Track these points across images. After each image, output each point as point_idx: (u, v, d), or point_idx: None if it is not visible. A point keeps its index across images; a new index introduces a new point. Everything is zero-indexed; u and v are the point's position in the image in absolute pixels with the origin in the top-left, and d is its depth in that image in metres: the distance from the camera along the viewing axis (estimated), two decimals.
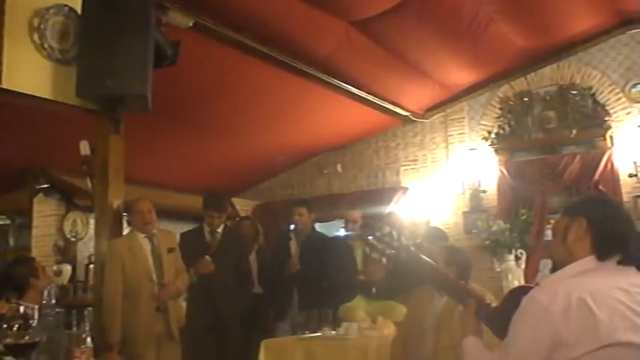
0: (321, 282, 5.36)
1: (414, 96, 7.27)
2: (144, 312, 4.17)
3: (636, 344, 1.64)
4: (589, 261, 1.78)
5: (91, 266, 5.88)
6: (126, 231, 4.51)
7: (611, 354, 1.63)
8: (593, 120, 6.79)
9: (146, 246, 4.32)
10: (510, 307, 1.91)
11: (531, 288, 1.96)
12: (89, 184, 4.22)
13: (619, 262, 1.76)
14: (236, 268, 5.21)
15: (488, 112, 7.40)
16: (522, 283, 6.06)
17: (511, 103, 7.25)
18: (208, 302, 4.97)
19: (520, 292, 2.01)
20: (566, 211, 1.91)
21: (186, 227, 5.55)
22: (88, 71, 3.71)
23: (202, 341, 4.86)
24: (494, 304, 2.14)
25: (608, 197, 1.94)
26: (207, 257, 4.80)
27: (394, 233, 2.16)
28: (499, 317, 1.96)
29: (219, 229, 5.19)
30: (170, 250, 4.40)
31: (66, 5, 3.85)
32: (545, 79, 7.15)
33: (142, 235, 4.33)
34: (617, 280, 1.73)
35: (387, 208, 7.45)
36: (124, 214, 4.37)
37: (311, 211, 5.65)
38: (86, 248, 6.47)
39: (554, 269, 1.87)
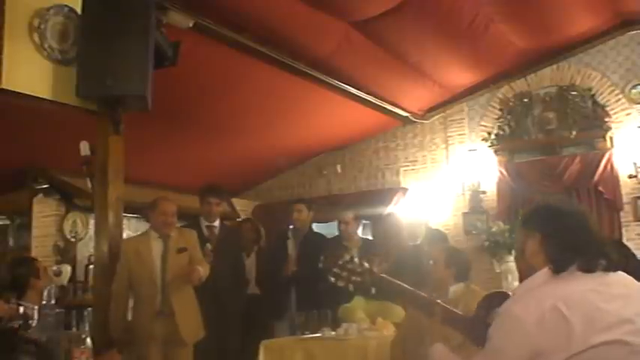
0: (319, 282, 5.36)
1: (414, 97, 7.27)
2: (144, 315, 4.17)
3: (610, 341, 1.67)
4: (547, 272, 1.81)
5: (91, 267, 5.87)
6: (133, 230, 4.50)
7: (589, 357, 1.65)
8: (593, 121, 6.80)
9: (157, 248, 4.27)
10: (484, 314, 1.94)
11: (505, 294, 2.00)
12: (89, 185, 4.21)
13: (579, 269, 1.78)
14: (233, 265, 5.20)
15: (488, 113, 7.40)
16: None
17: (511, 104, 7.25)
18: (207, 299, 4.92)
19: (493, 298, 2.06)
20: (522, 223, 1.96)
21: None
22: (88, 71, 3.71)
23: (203, 340, 4.82)
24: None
25: (564, 205, 1.93)
26: (208, 245, 4.74)
27: (355, 260, 2.16)
28: (474, 325, 1.99)
29: (216, 223, 5.16)
30: (181, 250, 4.31)
31: (66, 5, 3.85)
32: (545, 80, 7.16)
33: (156, 236, 4.29)
34: (585, 283, 1.75)
35: (387, 209, 7.45)
36: (131, 214, 4.36)
37: (310, 210, 5.67)
38: (86, 249, 6.46)
39: (521, 279, 1.91)
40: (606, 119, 6.73)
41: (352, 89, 6.45)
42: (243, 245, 5.64)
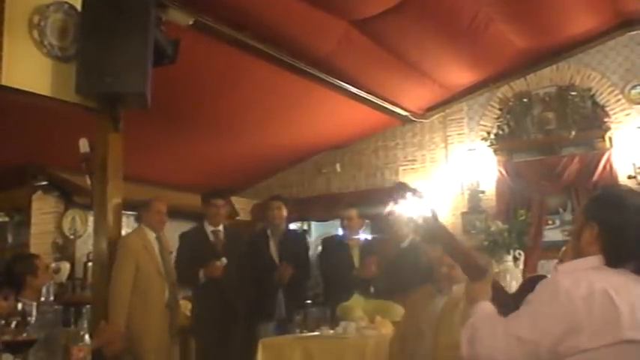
0: (304, 279, 5.39)
1: (414, 96, 7.27)
2: (155, 309, 4.25)
3: None
4: (600, 259, 1.70)
5: (90, 264, 5.87)
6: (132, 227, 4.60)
7: (627, 350, 1.58)
8: (592, 121, 6.79)
9: (155, 245, 4.46)
10: (527, 294, 1.87)
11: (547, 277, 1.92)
12: (88, 182, 4.22)
13: (633, 271, 1.67)
14: (238, 267, 5.20)
15: (488, 112, 7.40)
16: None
17: (510, 103, 7.25)
18: (220, 303, 4.90)
19: (536, 280, 1.98)
20: (583, 210, 1.82)
21: (184, 225, 5.54)
22: (88, 68, 3.71)
23: (215, 340, 4.83)
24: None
25: (627, 199, 1.74)
26: (223, 259, 4.80)
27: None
28: (515, 304, 1.92)
29: (220, 227, 5.18)
30: (171, 252, 4.62)
31: (66, 2, 3.85)
32: (544, 80, 7.15)
33: (154, 235, 4.46)
34: (637, 281, 1.66)
35: (386, 208, 7.44)
36: (130, 212, 4.43)
37: (286, 206, 5.65)
38: (85, 246, 6.46)
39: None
40: (605, 119, 6.72)
41: (352, 88, 6.45)
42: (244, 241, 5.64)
